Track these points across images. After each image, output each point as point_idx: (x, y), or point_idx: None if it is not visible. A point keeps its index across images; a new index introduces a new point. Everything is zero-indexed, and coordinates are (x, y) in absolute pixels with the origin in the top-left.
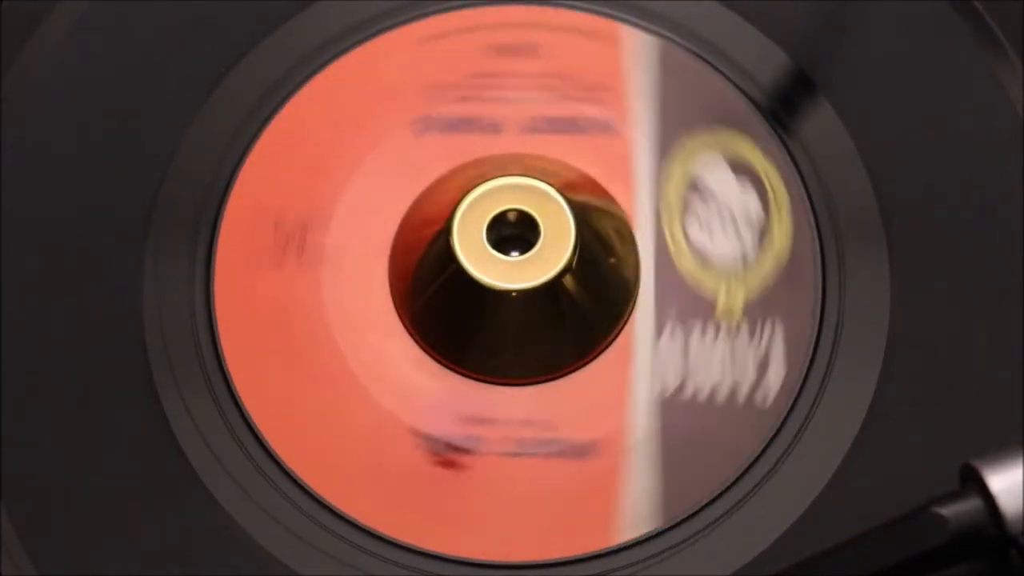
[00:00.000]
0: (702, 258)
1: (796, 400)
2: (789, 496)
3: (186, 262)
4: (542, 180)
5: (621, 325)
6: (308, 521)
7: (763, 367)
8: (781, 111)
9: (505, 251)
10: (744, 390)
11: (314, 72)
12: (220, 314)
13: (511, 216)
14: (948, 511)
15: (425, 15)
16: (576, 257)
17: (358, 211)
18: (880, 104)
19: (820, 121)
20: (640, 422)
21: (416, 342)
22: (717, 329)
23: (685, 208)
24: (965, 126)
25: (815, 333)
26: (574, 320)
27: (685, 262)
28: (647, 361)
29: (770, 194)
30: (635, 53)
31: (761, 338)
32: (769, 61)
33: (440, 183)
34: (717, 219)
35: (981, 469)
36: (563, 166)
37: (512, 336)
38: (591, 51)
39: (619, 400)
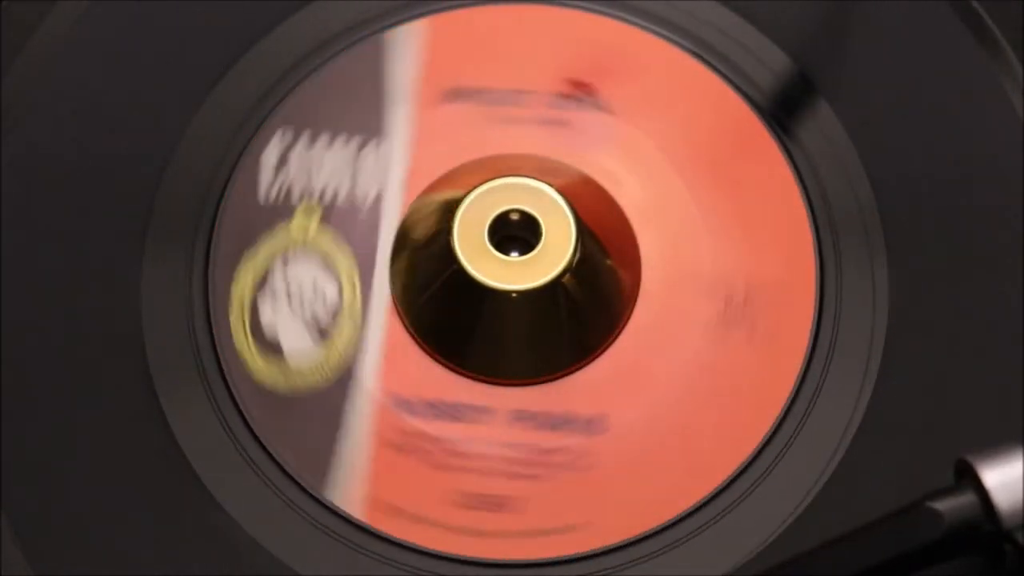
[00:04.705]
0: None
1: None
2: (786, 494)
3: (185, 262)
4: (543, 181)
5: (621, 325)
6: (307, 521)
7: None
8: (781, 113)
9: (506, 251)
10: None
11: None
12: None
13: (513, 217)
14: (943, 506)
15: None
16: (577, 258)
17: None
18: (880, 105)
19: (820, 123)
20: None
21: (416, 342)
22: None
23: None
24: (965, 127)
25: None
26: (574, 320)
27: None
28: None
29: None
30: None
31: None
32: (769, 62)
33: (440, 183)
34: (288, 312)
35: (976, 464)
36: (564, 167)
37: (512, 336)
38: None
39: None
